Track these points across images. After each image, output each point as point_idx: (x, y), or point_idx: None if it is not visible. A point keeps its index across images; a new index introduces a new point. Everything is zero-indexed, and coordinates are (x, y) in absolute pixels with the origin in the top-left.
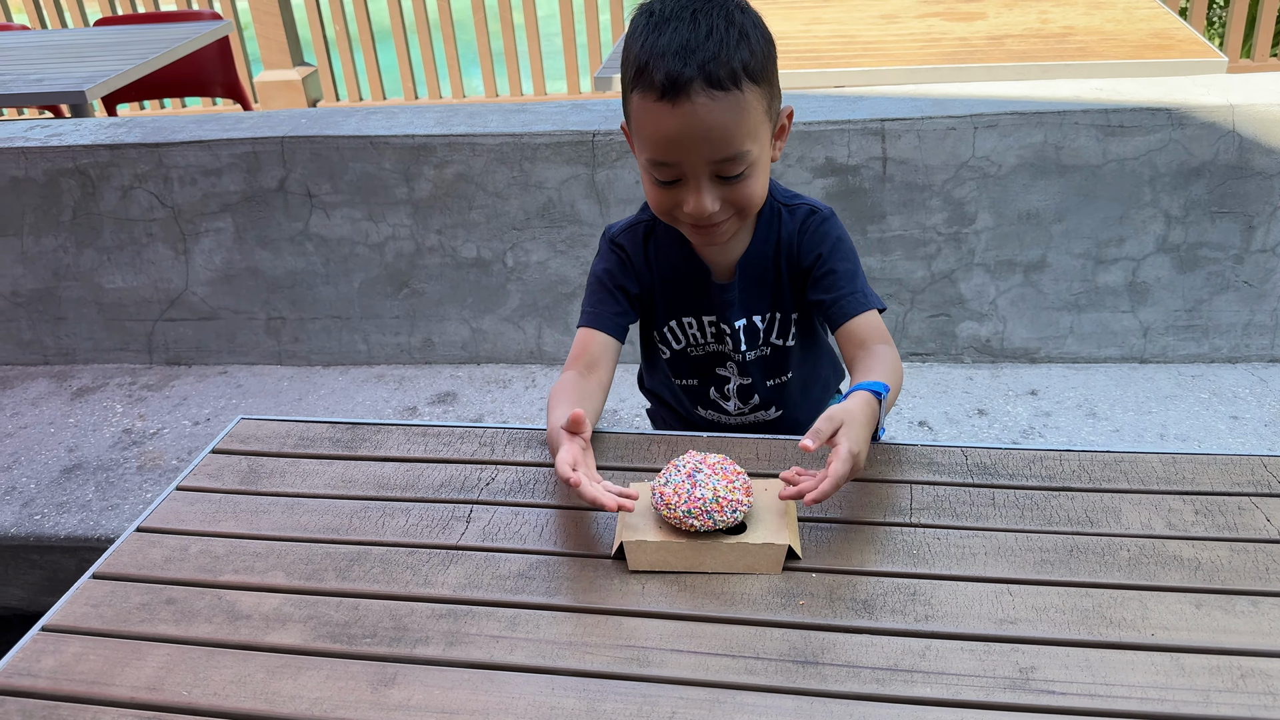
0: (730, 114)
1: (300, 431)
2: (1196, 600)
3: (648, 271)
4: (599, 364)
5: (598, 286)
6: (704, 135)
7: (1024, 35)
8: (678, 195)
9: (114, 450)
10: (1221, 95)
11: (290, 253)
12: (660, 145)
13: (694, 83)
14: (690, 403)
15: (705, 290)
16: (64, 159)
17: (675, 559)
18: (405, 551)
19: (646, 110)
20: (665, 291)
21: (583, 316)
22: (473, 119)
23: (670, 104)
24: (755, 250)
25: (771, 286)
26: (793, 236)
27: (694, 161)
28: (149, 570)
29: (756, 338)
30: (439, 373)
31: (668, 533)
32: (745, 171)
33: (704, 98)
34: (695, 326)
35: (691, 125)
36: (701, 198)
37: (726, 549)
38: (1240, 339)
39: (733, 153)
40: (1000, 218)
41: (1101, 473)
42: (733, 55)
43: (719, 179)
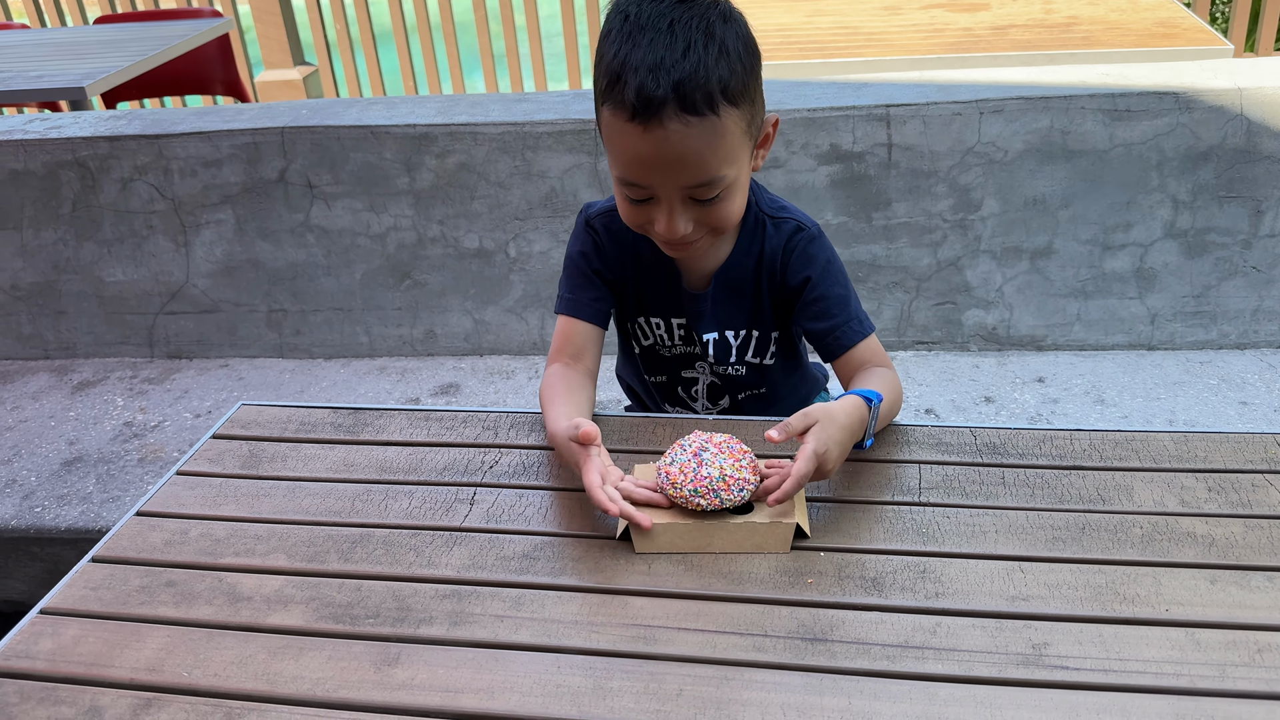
0: (704, 140)
1: (301, 417)
2: (1211, 576)
3: (620, 262)
4: (584, 353)
5: (575, 270)
6: (676, 161)
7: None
8: (649, 213)
9: (115, 443)
10: (1229, 79)
11: (291, 244)
12: (630, 167)
13: (667, 106)
14: (660, 398)
15: (676, 295)
16: (63, 151)
17: (682, 540)
18: (408, 533)
19: (617, 128)
20: (637, 287)
21: (560, 302)
22: (474, 108)
23: (642, 126)
24: (734, 262)
25: (750, 302)
26: (776, 252)
27: (664, 185)
28: (149, 553)
29: (728, 353)
30: (441, 364)
31: (674, 514)
32: (720, 194)
33: (677, 123)
34: (663, 328)
35: (663, 151)
36: (674, 220)
37: (734, 529)
38: (1249, 325)
39: (706, 179)
40: (1006, 204)
41: (1113, 452)
42: (710, 76)
43: (692, 201)
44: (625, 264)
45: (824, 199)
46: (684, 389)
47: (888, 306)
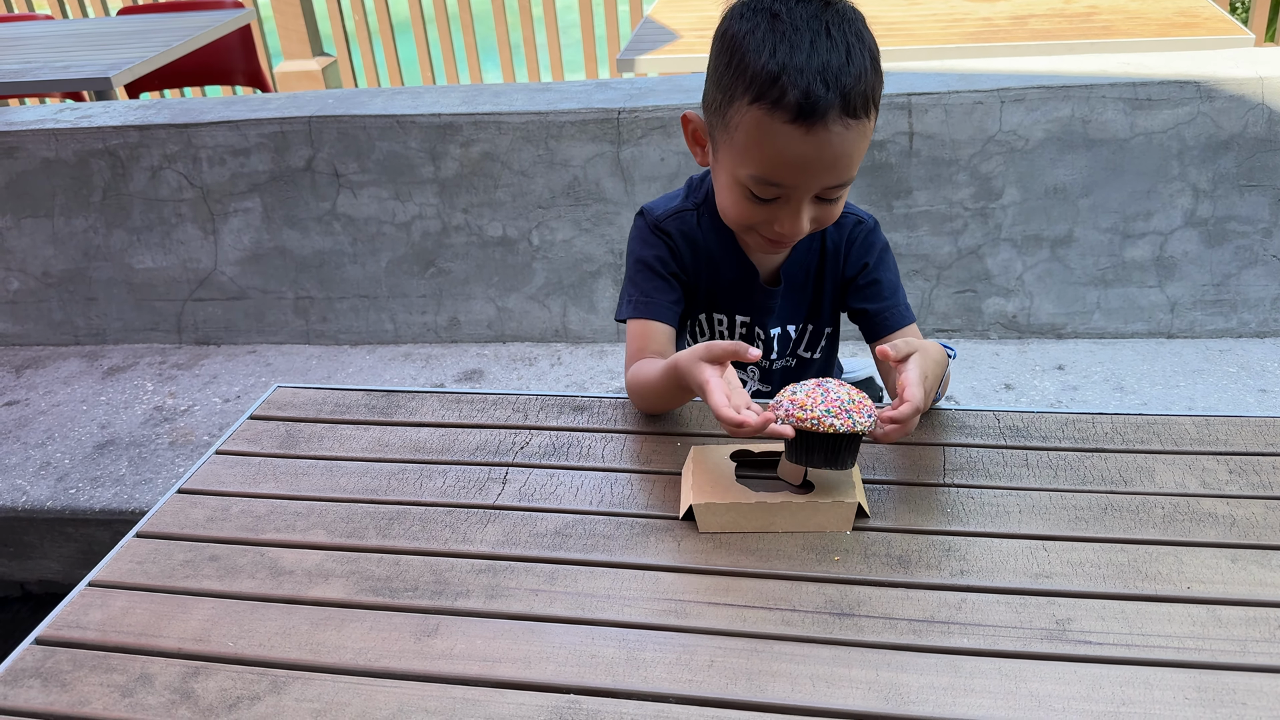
0: (857, 143)
1: (336, 399)
2: (1232, 555)
3: (693, 262)
4: (667, 354)
5: (649, 273)
6: (831, 163)
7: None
8: (772, 213)
9: (145, 427)
10: (1250, 68)
11: (318, 232)
12: (779, 168)
13: (832, 110)
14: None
15: (750, 292)
16: (94, 140)
17: (745, 520)
18: (443, 511)
19: (771, 129)
20: (707, 285)
21: (631, 306)
22: (498, 98)
23: (805, 129)
24: (796, 259)
25: (810, 297)
26: (839, 247)
27: (807, 186)
28: (191, 529)
29: (787, 347)
30: (465, 351)
31: (737, 494)
32: (842, 191)
33: (839, 126)
34: (725, 324)
35: (822, 153)
36: (800, 220)
37: (797, 508)
38: (1269, 313)
39: (848, 179)
40: (1027, 192)
41: (1134, 435)
42: (870, 83)
43: (817, 200)
44: (699, 264)
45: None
46: None
47: (909, 294)
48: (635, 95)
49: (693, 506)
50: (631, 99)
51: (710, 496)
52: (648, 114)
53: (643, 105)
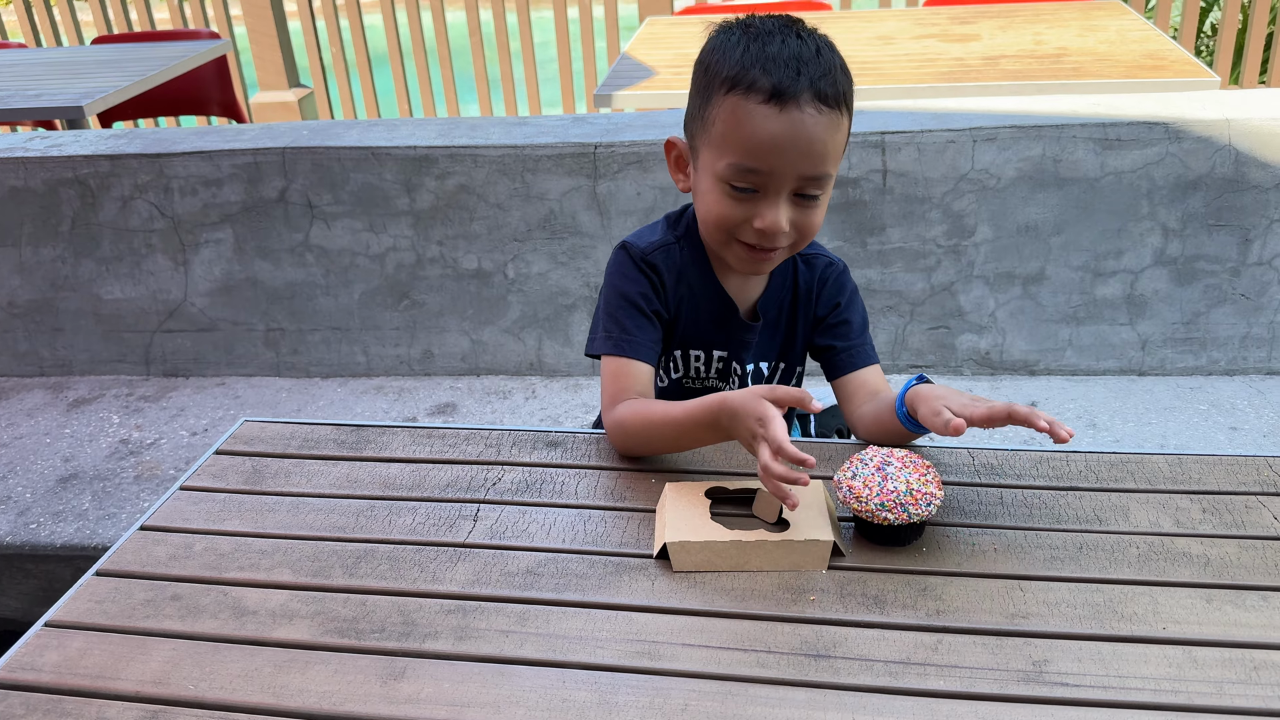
0: (829, 132)
1: (304, 433)
2: (1207, 595)
3: (675, 296)
4: (648, 396)
5: (633, 310)
6: (805, 146)
7: (1018, 56)
8: (751, 208)
9: (111, 460)
10: (1217, 110)
11: (290, 264)
12: (756, 149)
13: (804, 92)
14: None
15: (728, 326)
16: (64, 169)
17: (719, 559)
18: (412, 549)
19: (746, 112)
20: (687, 320)
21: (611, 343)
22: (474, 131)
23: (777, 107)
24: (770, 296)
25: (784, 335)
26: (811, 286)
27: (783, 172)
28: (153, 567)
29: (760, 382)
30: (438, 384)
31: (711, 532)
32: (820, 198)
33: (811, 109)
34: (702, 360)
35: (795, 133)
36: (778, 213)
37: (772, 546)
38: (1238, 351)
39: (822, 171)
40: (999, 230)
41: (1108, 473)
42: (839, 78)
43: (796, 198)
44: (680, 296)
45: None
46: None
47: (882, 330)
48: (611, 130)
49: (666, 545)
50: (608, 134)
51: (684, 535)
52: (624, 149)
53: (619, 140)
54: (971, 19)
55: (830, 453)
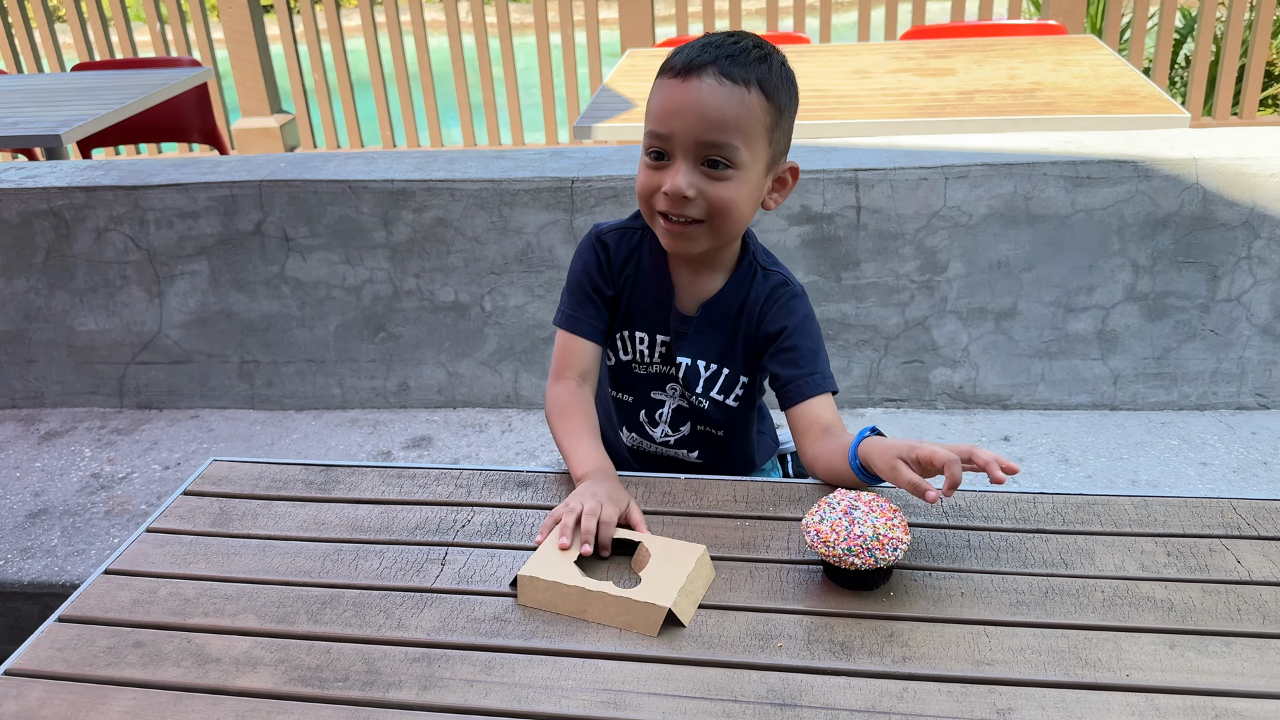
0: (731, 104)
1: (273, 473)
2: (1170, 641)
3: (621, 273)
4: (589, 374)
5: (576, 288)
6: (701, 110)
7: (993, 90)
8: (661, 175)
9: (81, 495)
10: (1185, 149)
11: (265, 296)
12: (660, 115)
13: (709, 68)
14: (618, 420)
15: (667, 313)
16: (38, 201)
17: (560, 601)
18: (378, 594)
19: (660, 87)
20: (631, 299)
21: (562, 316)
22: (452, 165)
23: (682, 79)
24: (721, 299)
25: (724, 339)
26: (760, 298)
27: (684, 136)
28: (117, 613)
29: (696, 382)
30: (414, 417)
31: (563, 574)
32: (730, 172)
33: (713, 81)
34: (646, 343)
35: (693, 99)
36: (679, 176)
37: (610, 601)
38: (1208, 386)
39: (722, 139)
40: (971, 266)
41: (1075, 515)
42: (751, 65)
43: (703, 167)
44: (626, 274)
45: (795, 258)
46: (648, 412)
47: (857, 364)
48: (589, 165)
49: (517, 577)
50: (585, 168)
51: (537, 570)
52: (601, 183)
53: (596, 175)
54: (947, 53)
55: (800, 494)
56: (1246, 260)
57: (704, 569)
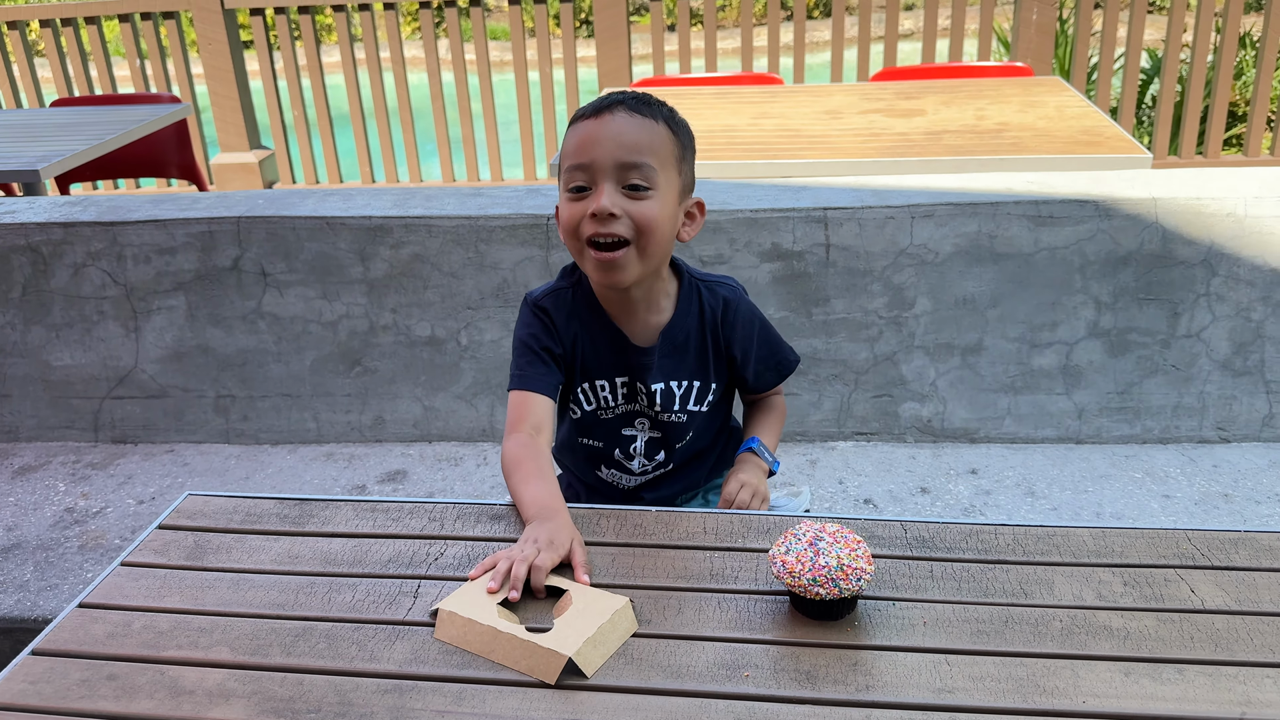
0: (644, 131)
1: (248, 507)
2: (1126, 669)
3: (567, 331)
4: (544, 426)
5: (524, 350)
6: (616, 137)
7: (960, 131)
8: (586, 203)
9: (54, 529)
10: (1145, 189)
11: (242, 331)
12: (579, 148)
13: (619, 105)
14: (590, 464)
15: (623, 353)
16: (16, 236)
17: (475, 640)
18: (351, 627)
19: (575, 130)
20: (582, 354)
21: (513, 380)
22: (429, 201)
23: (595, 118)
24: (677, 322)
25: (695, 357)
26: (717, 314)
27: (604, 161)
28: (90, 646)
29: (672, 403)
30: (389, 451)
31: (480, 612)
32: (649, 192)
33: (623, 113)
34: (607, 389)
35: (609, 129)
36: (603, 197)
37: (517, 643)
38: (1170, 420)
39: (640, 159)
40: (938, 302)
41: (1035, 546)
42: (655, 105)
43: (626, 190)
44: (572, 331)
45: (766, 294)
46: (622, 449)
47: (828, 398)
48: None
49: (438, 609)
50: None
51: (457, 606)
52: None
53: None
54: (916, 94)
55: (768, 525)
56: (1205, 297)
57: (622, 621)
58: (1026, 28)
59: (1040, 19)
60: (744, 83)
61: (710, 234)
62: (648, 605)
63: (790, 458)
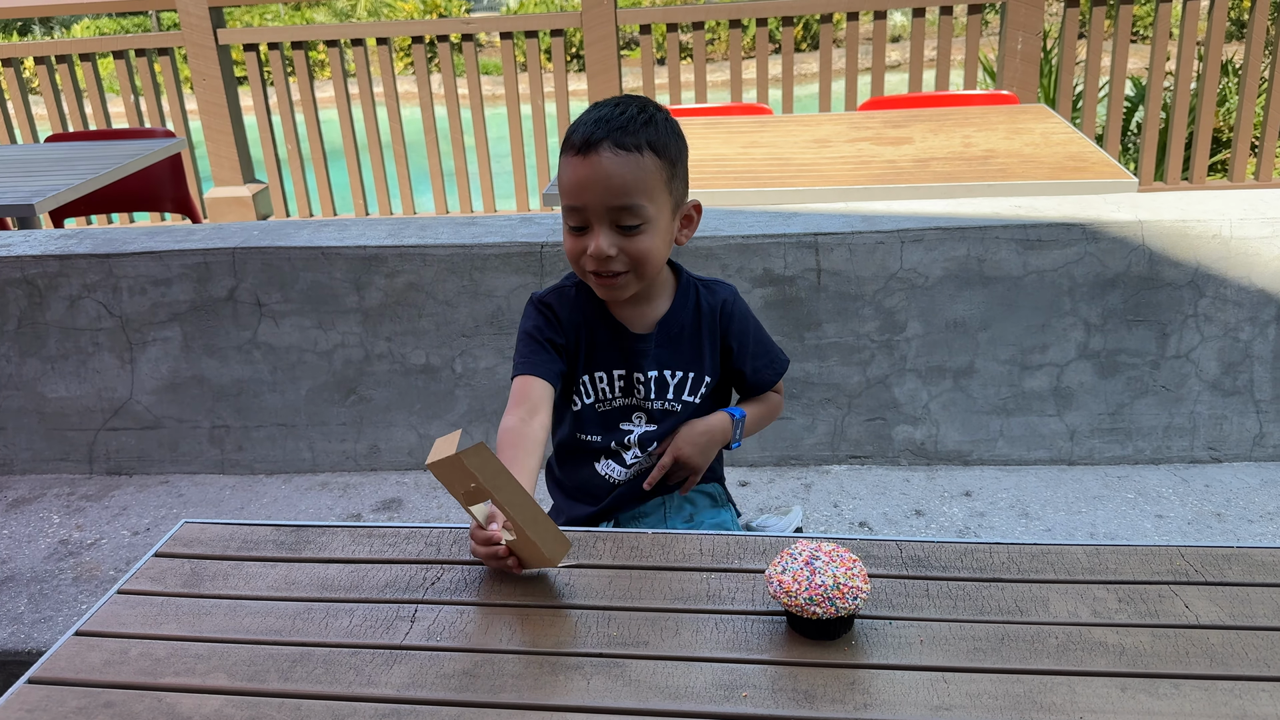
0: (630, 170)
1: (244, 534)
2: (1122, 684)
3: (570, 324)
4: (539, 409)
5: (528, 340)
6: (604, 181)
7: (948, 158)
8: (584, 241)
9: (49, 561)
10: (1131, 212)
11: (237, 361)
12: (571, 191)
13: (604, 142)
14: (588, 457)
15: (619, 342)
16: (12, 269)
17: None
18: (348, 652)
19: (565, 165)
20: (582, 346)
21: (516, 367)
22: (424, 231)
23: (583, 157)
24: (674, 316)
25: (690, 349)
26: (716, 311)
27: (596, 206)
28: (87, 674)
29: (666, 391)
30: (385, 479)
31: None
32: (641, 227)
33: (609, 153)
34: (605, 381)
35: (595, 172)
36: (600, 239)
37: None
38: (1161, 441)
39: (629, 203)
40: (929, 326)
41: (1030, 564)
42: (639, 130)
43: (618, 229)
44: (575, 323)
45: (759, 319)
46: (616, 442)
47: (821, 421)
48: (558, 230)
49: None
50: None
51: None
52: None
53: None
54: (904, 123)
55: (763, 546)
56: (1193, 318)
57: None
58: (1012, 57)
59: (1025, 48)
60: (734, 113)
61: (703, 260)
62: (645, 627)
63: (784, 481)
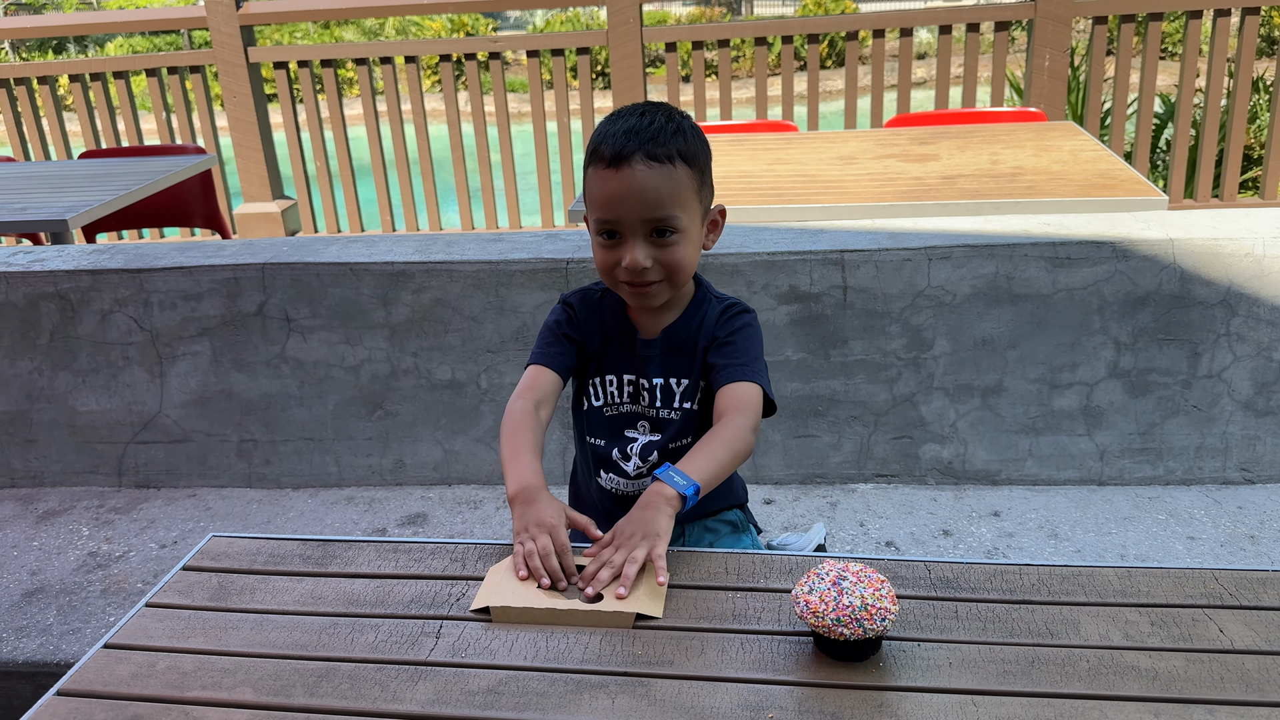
0: (663, 182)
1: (271, 549)
2: (1155, 710)
3: (589, 328)
4: (546, 401)
5: (547, 334)
6: (639, 195)
7: (975, 175)
8: (618, 253)
9: (78, 573)
10: (1161, 230)
11: (266, 375)
12: (604, 205)
13: (636, 154)
14: (594, 466)
15: (631, 347)
16: (45, 284)
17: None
18: (374, 668)
19: (596, 178)
20: (599, 347)
21: (532, 356)
22: (450, 247)
23: (615, 170)
24: (680, 325)
25: (688, 358)
26: (714, 319)
27: (630, 220)
28: (115, 687)
29: (671, 398)
30: (410, 494)
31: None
32: (676, 237)
33: (642, 166)
34: (615, 384)
35: (629, 186)
36: (635, 252)
37: (582, 614)
38: (1193, 461)
39: (663, 214)
40: (957, 344)
41: (1060, 586)
42: (670, 140)
43: (651, 239)
44: (593, 325)
45: (784, 336)
46: (620, 450)
47: (847, 440)
48: (583, 246)
49: (490, 608)
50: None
51: (506, 599)
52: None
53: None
54: (931, 140)
55: (790, 565)
56: (1226, 337)
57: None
58: (1039, 74)
59: (1053, 65)
60: (759, 130)
61: (728, 277)
62: (670, 646)
63: (810, 500)
